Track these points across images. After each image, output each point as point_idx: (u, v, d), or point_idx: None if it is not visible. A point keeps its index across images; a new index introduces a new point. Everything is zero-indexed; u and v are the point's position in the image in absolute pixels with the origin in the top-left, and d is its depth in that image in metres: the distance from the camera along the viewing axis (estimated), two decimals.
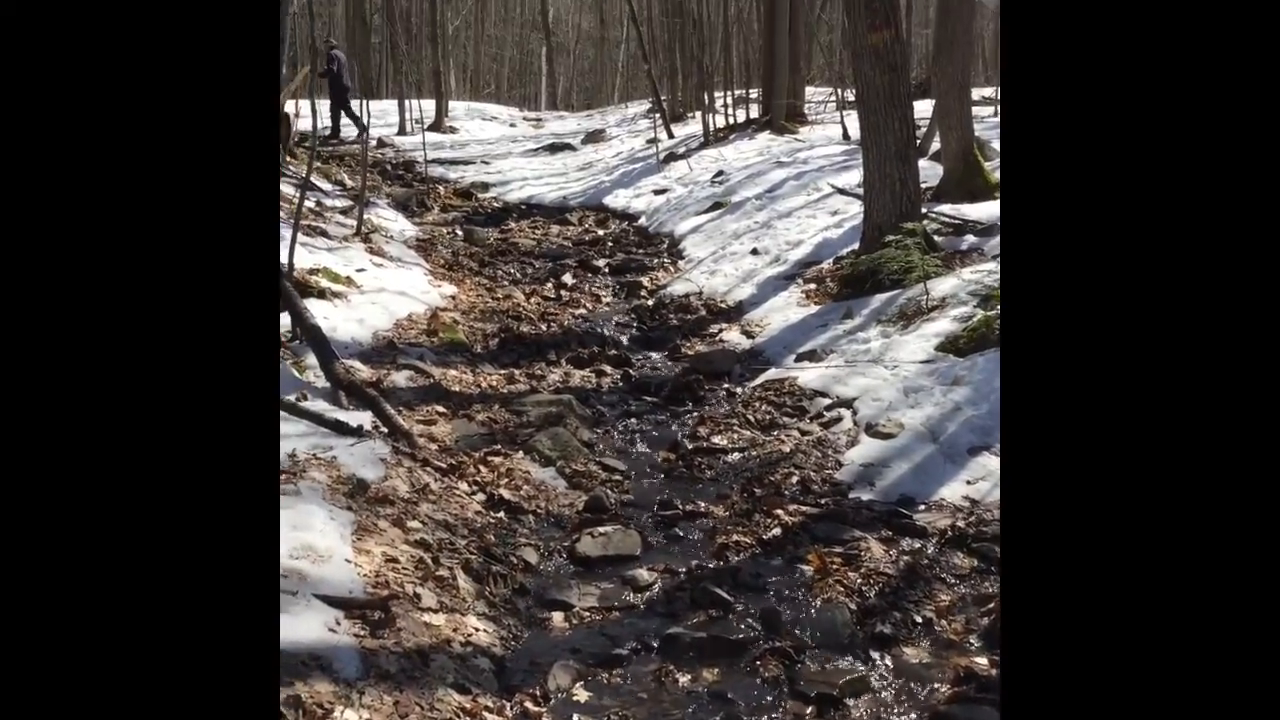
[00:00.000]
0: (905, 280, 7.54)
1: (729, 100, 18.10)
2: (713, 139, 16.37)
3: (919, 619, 3.77)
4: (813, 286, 8.58)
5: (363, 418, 5.15)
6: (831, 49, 20.77)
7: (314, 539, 3.69)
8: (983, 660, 3.48)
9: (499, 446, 5.37)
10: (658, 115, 18.45)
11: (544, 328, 8.12)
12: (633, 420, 6.15)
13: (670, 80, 21.09)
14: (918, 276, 7.37)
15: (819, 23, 21.36)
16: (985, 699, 3.25)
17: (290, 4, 7.83)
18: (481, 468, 5.06)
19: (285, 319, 6.11)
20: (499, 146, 19.53)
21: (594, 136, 19.70)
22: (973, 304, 7.00)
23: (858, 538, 4.36)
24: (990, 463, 5.01)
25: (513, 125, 23.77)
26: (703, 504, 4.89)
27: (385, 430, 5.13)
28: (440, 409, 5.84)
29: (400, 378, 6.26)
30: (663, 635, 3.67)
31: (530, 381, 6.66)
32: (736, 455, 5.50)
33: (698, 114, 17.93)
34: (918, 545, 4.34)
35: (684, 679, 3.45)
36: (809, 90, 19.68)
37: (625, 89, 32.75)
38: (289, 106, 13.13)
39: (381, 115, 21.34)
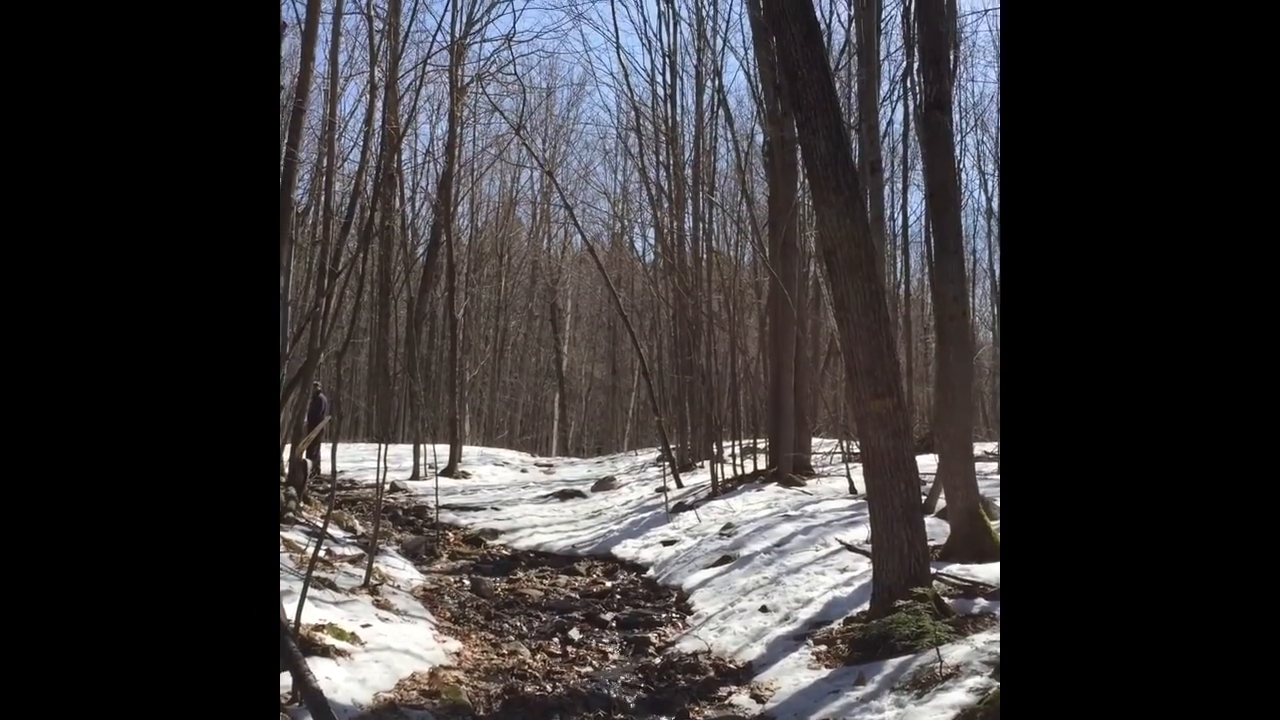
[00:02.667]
0: (917, 646, 7.43)
1: (737, 450, 18.54)
2: (721, 489, 16.63)
3: None
4: (823, 648, 8.46)
5: None
6: (837, 402, 21.50)
7: None
8: None
9: None
10: (666, 464, 18.84)
11: (549, 688, 7.94)
12: None
13: (679, 430, 21.71)
14: (929, 642, 7.27)
15: (824, 376, 22.20)
16: None
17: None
18: None
19: (287, 679, 6.02)
20: (509, 492, 19.83)
21: (604, 484, 20.02)
22: (988, 674, 6.87)
23: None
24: None
25: (524, 471, 24.23)
26: None
27: None
28: None
29: None
30: None
31: None
32: None
33: (706, 463, 18.33)
34: None
35: None
36: (815, 441, 20.20)
37: (635, 435, 33.59)
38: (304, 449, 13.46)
39: (396, 460, 21.82)
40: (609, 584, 12.26)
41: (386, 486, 17.10)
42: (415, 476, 20.53)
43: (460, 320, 24.53)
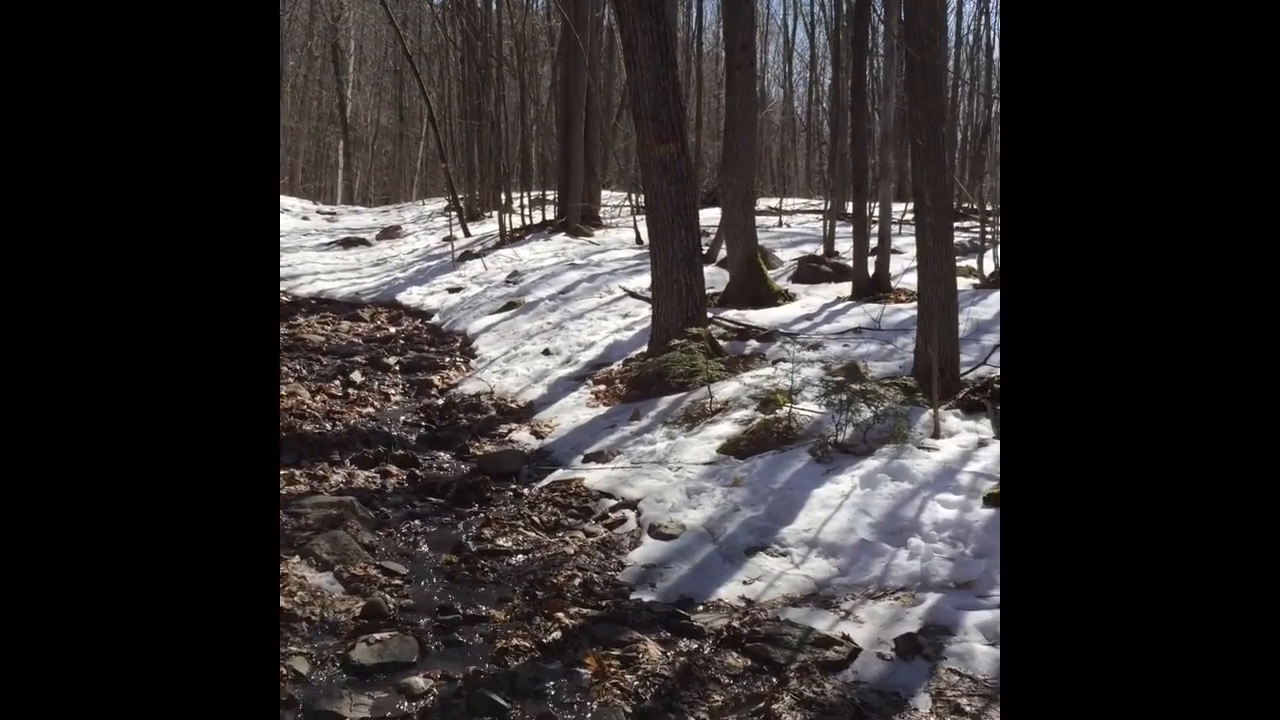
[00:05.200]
0: (690, 383, 7.76)
1: (526, 201, 18.37)
2: (509, 239, 16.55)
3: None
4: (602, 388, 8.73)
5: None
6: (627, 154, 21.43)
7: None
8: None
9: None
10: (454, 213, 18.53)
11: (329, 427, 7.94)
12: (417, 522, 6.05)
13: (468, 179, 21.26)
14: (702, 380, 7.61)
15: (615, 129, 22.00)
16: None
17: None
18: None
19: None
20: (290, 239, 19.16)
21: (390, 232, 19.59)
22: (753, 407, 7.27)
23: (636, 639, 4.41)
24: (765, 563, 5.17)
25: (305, 218, 23.39)
26: (484, 608, 4.84)
27: None
28: None
29: None
30: None
31: (311, 483, 6.48)
32: (521, 557, 5.49)
33: (494, 213, 18.12)
34: (695, 646, 4.41)
35: None
36: (604, 194, 20.19)
37: (424, 184, 32.75)
38: None
39: None
40: (393, 330, 12.19)
41: None
42: None
43: None
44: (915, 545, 5.10)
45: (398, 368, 10.17)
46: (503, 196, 17.74)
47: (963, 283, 9.74)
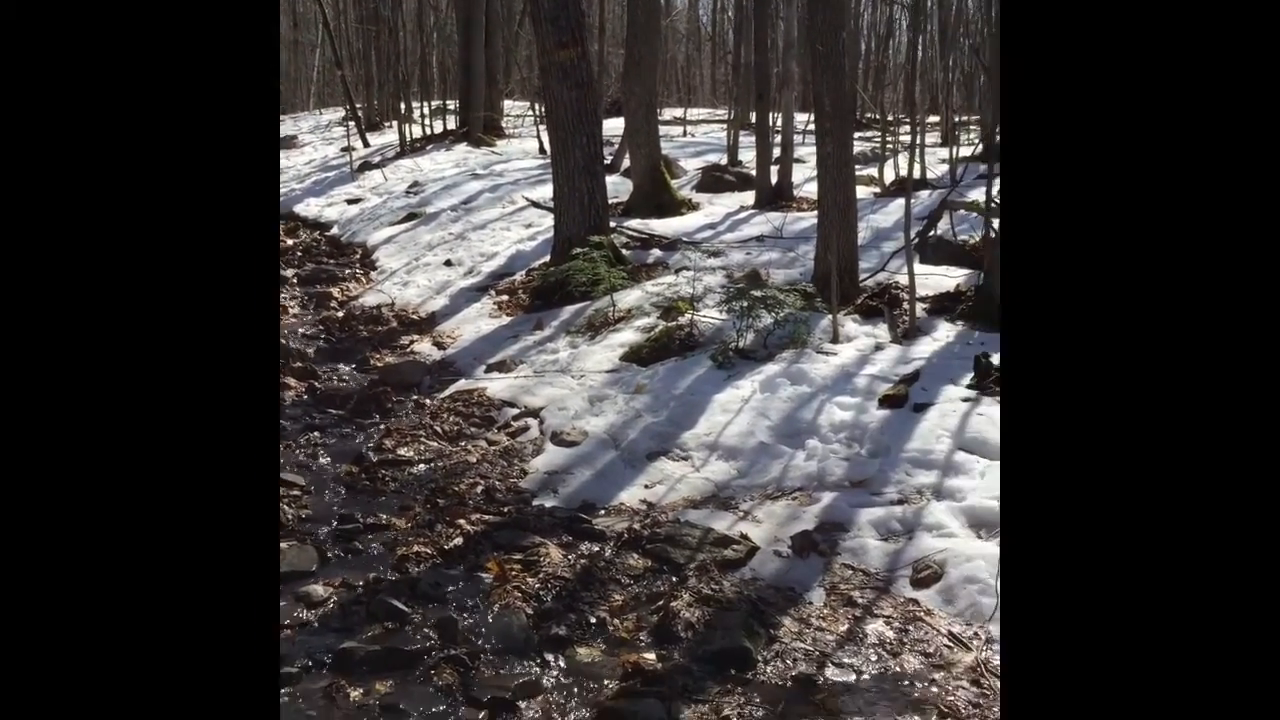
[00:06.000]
0: (593, 292, 7.73)
1: (426, 111, 17.96)
2: (409, 149, 16.20)
3: (593, 619, 3.88)
4: (505, 298, 8.66)
5: None
6: (530, 63, 21.01)
7: None
8: (651, 655, 3.63)
9: None
10: (353, 123, 18.05)
11: None
12: (316, 434, 5.98)
13: (366, 88, 20.67)
14: (605, 289, 7.58)
15: (517, 36, 21.54)
16: (650, 692, 3.39)
17: None
18: None
19: None
20: None
21: (285, 143, 19.01)
22: (655, 315, 7.28)
23: (538, 543, 4.44)
24: (666, 467, 5.23)
25: None
26: (385, 516, 4.83)
27: None
28: None
29: None
30: (335, 650, 3.60)
31: None
32: (422, 466, 5.47)
33: (394, 123, 17.70)
34: (596, 549, 4.46)
35: (355, 693, 3.39)
36: (507, 104, 19.84)
37: (321, 95, 31.78)
38: None
39: None
40: (290, 242, 11.89)
41: None
42: None
43: None
44: (813, 446, 5.19)
45: (295, 281, 9.97)
46: (402, 106, 17.30)
47: (863, 191, 9.82)
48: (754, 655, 3.63)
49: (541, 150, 14.70)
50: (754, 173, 11.22)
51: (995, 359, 5.78)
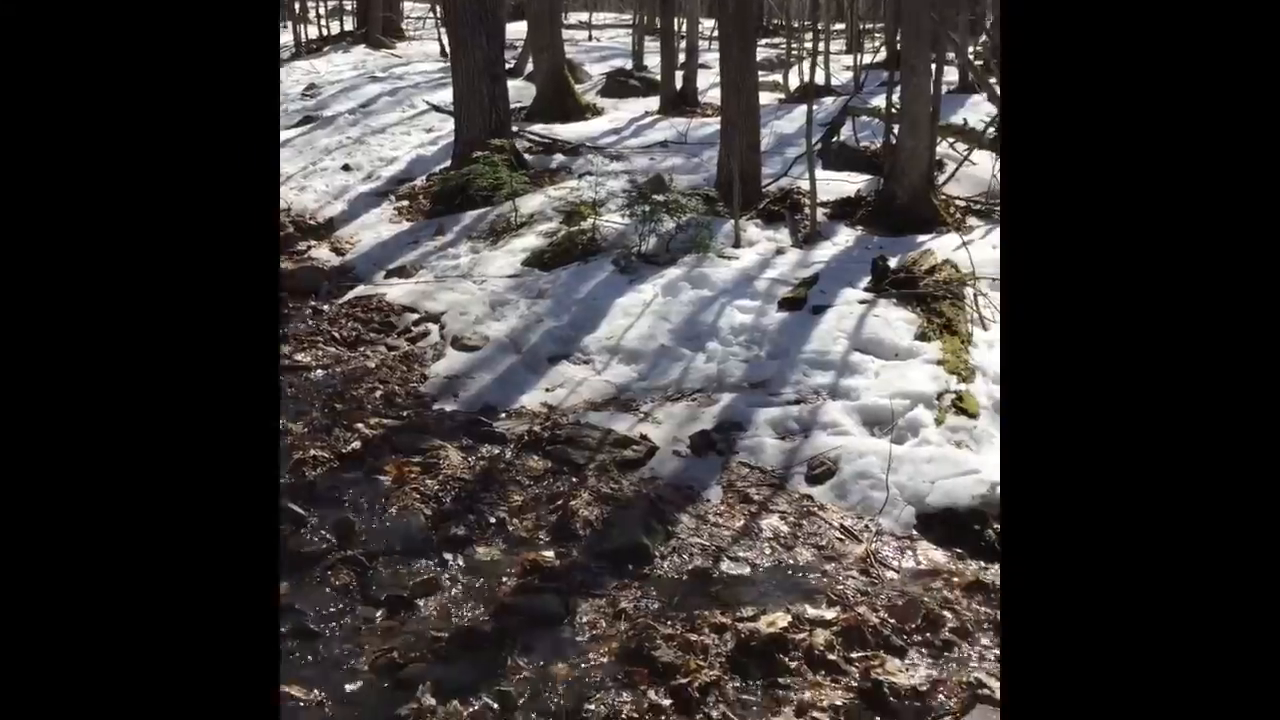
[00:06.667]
0: (495, 197, 7.63)
1: (323, 10, 17.38)
2: (305, 51, 15.70)
3: (493, 520, 3.89)
4: (405, 203, 8.50)
5: None
6: None
7: None
8: (550, 554, 3.66)
9: None
10: None
11: None
12: None
13: None
14: (507, 193, 7.48)
15: None
16: (549, 588, 3.43)
17: None
18: None
19: None
20: None
21: None
22: (558, 220, 7.22)
23: (437, 446, 4.43)
24: (567, 370, 5.23)
25: None
26: (281, 422, 4.76)
27: None
28: None
29: None
30: None
31: None
32: (320, 372, 5.39)
33: (289, 24, 17.11)
34: (496, 451, 4.46)
35: None
36: (407, 5, 19.31)
37: None
38: None
39: None
40: None
41: None
42: None
43: None
44: (713, 349, 5.24)
45: None
46: (297, 5, 16.71)
47: (768, 97, 9.81)
48: (651, 551, 3.69)
49: (443, 53, 14.36)
50: (659, 78, 11.11)
51: (892, 262, 5.87)
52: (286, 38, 16.87)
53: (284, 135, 11.06)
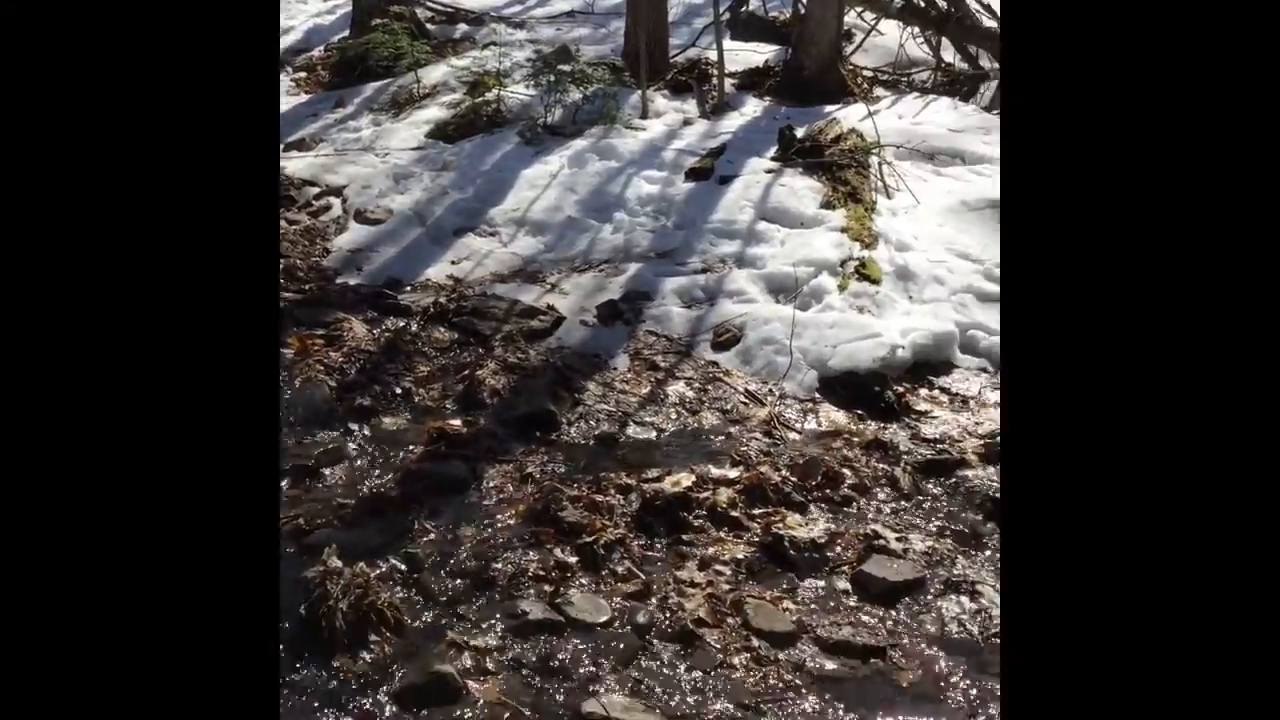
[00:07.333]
0: (396, 68, 7.41)
1: None
2: None
3: (399, 390, 3.88)
4: (303, 75, 8.21)
5: None
6: None
7: None
8: (456, 422, 3.66)
9: None
10: None
11: None
12: None
13: None
14: (409, 64, 7.26)
15: None
16: (456, 454, 3.45)
17: None
18: None
19: None
20: None
21: None
22: (462, 91, 7.05)
23: (341, 319, 4.36)
24: (473, 243, 5.17)
25: None
26: None
27: None
28: None
29: None
30: None
31: None
32: None
33: None
34: (401, 323, 4.42)
35: None
36: None
37: None
38: None
39: None
40: None
41: None
42: None
43: None
44: (620, 220, 5.21)
45: None
46: None
47: None
48: (558, 417, 3.72)
49: None
50: None
51: (799, 132, 5.86)
52: None
53: None
